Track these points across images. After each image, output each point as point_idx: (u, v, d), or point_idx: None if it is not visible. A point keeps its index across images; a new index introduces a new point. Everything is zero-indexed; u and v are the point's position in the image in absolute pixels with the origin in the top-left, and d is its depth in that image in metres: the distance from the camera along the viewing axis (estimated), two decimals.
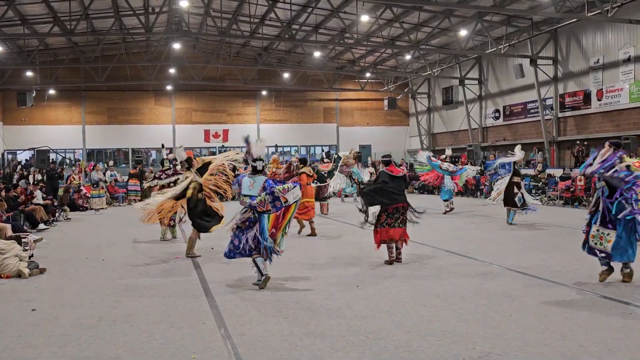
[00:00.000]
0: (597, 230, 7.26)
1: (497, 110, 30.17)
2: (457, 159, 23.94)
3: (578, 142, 23.66)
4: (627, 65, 21.80)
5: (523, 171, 15.13)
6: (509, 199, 13.84)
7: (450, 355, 4.82)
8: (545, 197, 20.39)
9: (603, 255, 7.20)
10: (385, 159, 9.58)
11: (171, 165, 13.04)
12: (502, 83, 29.77)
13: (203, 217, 10.01)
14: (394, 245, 8.99)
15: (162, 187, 12.11)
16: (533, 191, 20.48)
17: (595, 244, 7.26)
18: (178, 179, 11.20)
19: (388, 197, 8.94)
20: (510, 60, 27.85)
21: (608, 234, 7.14)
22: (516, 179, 13.96)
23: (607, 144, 7.32)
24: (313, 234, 12.56)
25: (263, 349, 5.07)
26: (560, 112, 25.58)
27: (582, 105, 24.26)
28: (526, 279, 7.70)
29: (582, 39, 24.10)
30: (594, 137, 23.15)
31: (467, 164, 20.57)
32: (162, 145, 15.09)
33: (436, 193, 21.25)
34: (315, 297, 6.86)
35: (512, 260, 9.07)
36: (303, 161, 13.07)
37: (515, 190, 13.76)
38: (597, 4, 19.59)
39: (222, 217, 10.04)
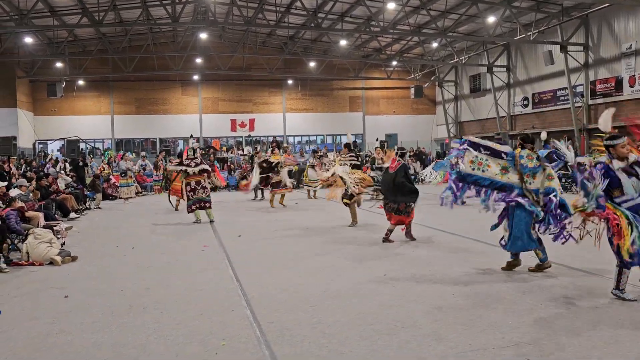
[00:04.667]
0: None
1: (526, 98, 29.75)
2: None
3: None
4: None
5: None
6: None
7: (478, 344, 4.79)
8: (575, 185, 20.09)
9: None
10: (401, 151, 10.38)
11: (195, 155, 13.50)
12: (531, 70, 29.34)
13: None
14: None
15: (187, 173, 13.36)
16: (563, 180, 20.18)
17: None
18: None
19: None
20: (540, 46, 27.41)
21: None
22: None
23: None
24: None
25: (291, 336, 5.11)
26: (590, 99, 25.13)
27: (613, 92, 23.79)
28: (556, 268, 7.60)
29: (614, 24, 23.59)
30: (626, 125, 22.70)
31: None
32: (191, 135, 15.60)
33: None
34: (342, 285, 6.87)
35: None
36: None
37: None
38: None
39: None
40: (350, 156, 12.52)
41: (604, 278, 6.98)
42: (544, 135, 15.19)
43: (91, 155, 29.96)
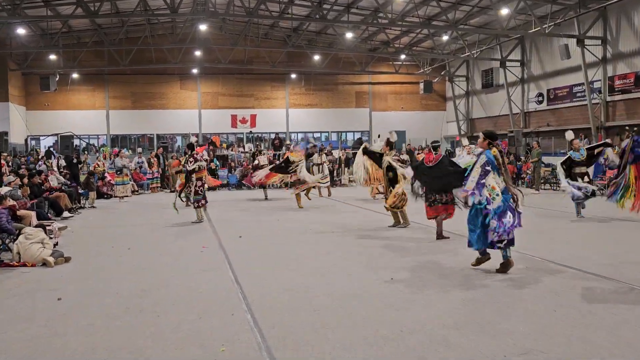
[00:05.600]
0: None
1: (541, 94, 29.71)
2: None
3: (627, 127, 23.12)
4: None
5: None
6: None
7: (489, 352, 4.81)
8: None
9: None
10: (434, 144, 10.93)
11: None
12: (546, 65, 29.29)
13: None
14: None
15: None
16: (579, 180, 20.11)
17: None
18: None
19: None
20: (556, 40, 27.36)
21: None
22: (577, 169, 13.59)
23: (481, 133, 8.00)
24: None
25: (293, 341, 5.14)
26: (609, 95, 25.08)
27: (633, 88, 23.73)
28: (571, 272, 7.62)
29: (633, 17, 23.53)
30: None
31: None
32: (191, 135, 16.05)
33: None
34: (348, 288, 6.90)
35: (556, 253, 8.98)
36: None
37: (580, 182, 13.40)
38: None
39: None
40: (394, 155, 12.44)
41: (618, 282, 6.99)
42: (570, 135, 14.66)
43: (86, 152, 30.01)
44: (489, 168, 7.52)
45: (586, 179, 13.43)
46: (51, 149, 30.76)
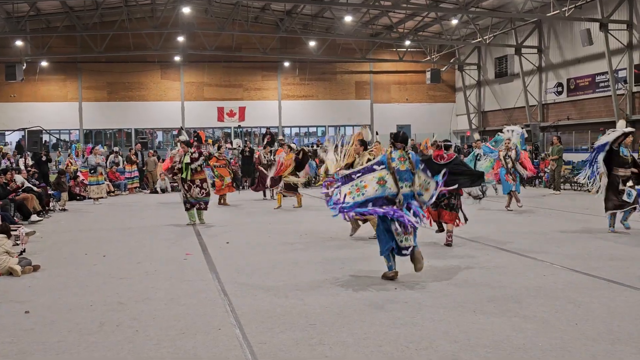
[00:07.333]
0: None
1: (560, 84, 29.75)
2: None
3: None
4: None
5: None
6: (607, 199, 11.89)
7: None
8: None
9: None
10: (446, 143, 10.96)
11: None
12: (566, 52, 29.32)
13: None
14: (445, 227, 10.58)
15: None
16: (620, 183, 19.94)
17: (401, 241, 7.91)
18: None
19: None
20: (576, 24, 27.39)
21: None
22: (619, 171, 11.79)
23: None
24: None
25: (287, 359, 5.12)
26: (635, 85, 25.11)
27: None
28: (594, 281, 7.61)
29: None
30: None
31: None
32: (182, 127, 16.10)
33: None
34: (347, 300, 6.88)
35: (578, 260, 8.97)
36: None
37: (621, 186, 11.68)
38: None
39: None
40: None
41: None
42: (622, 125, 13.11)
43: (59, 149, 29.91)
44: (376, 167, 7.84)
45: (630, 183, 11.79)
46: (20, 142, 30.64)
